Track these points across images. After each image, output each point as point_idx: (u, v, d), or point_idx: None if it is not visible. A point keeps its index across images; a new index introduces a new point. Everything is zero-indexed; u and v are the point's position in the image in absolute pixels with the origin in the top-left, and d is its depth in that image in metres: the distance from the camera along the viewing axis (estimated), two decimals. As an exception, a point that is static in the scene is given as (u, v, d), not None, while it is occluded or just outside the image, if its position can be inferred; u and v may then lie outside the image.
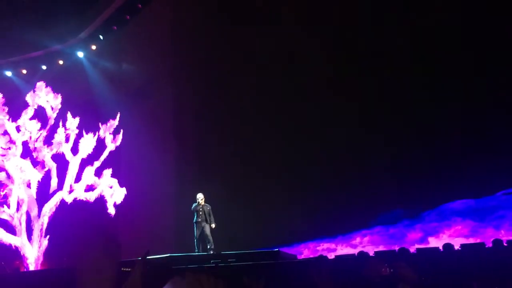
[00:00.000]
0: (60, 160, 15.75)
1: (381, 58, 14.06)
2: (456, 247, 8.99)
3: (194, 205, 12.23)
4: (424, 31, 13.66)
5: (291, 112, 15.30)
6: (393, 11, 14.05)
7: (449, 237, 12.21)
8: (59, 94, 16.28)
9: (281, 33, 15.67)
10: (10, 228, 15.13)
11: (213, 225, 12.09)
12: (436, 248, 9.24)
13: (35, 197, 15.36)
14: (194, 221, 12.17)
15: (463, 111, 12.68)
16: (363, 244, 13.62)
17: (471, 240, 11.74)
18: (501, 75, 12.43)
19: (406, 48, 13.83)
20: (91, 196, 15.43)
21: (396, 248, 9.76)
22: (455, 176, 12.34)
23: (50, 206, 15.29)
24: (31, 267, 14.88)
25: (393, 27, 13.93)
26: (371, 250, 10.73)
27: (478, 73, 12.69)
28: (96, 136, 15.89)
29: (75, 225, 17.38)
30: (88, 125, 16.20)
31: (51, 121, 16.02)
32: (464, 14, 12.99)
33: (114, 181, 15.64)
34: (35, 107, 15.90)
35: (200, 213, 12.06)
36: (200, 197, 12.23)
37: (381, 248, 12.97)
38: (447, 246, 8.98)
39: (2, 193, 15.24)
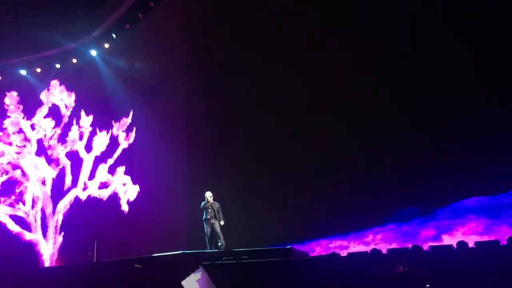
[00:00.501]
0: (74, 158, 15.93)
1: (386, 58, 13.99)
2: (470, 244, 8.90)
3: (203, 203, 12.39)
4: (424, 30, 13.54)
5: (302, 111, 15.27)
6: (393, 11, 13.95)
7: (463, 235, 12.09)
8: (73, 92, 16.47)
9: (292, 33, 15.65)
10: (25, 225, 15.35)
11: (222, 222, 12.21)
12: (450, 246, 9.15)
13: (49, 194, 15.56)
14: (203, 218, 12.31)
15: (478, 108, 12.54)
16: (376, 242, 13.55)
17: (485, 238, 11.60)
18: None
19: (408, 48, 13.73)
20: (105, 193, 15.61)
21: (409, 246, 9.69)
22: (469, 173, 12.20)
23: (64, 203, 15.49)
24: (46, 264, 15.08)
25: (393, 26, 13.84)
26: (384, 248, 10.67)
27: (490, 65, 12.54)
28: (110, 134, 16.04)
29: (89, 222, 17.57)
30: (102, 123, 16.36)
31: (65, 119, 16.22)
32: (464, 14, 12.86)
33: (127, 179, 15.79)
34: (50, 105, 16.11)
35: (209, 210, 12.23)
36: (208, 195, 12.38)
37: (394, 245, 12.89)
38: (461, 244, 8.89)
39: (18, 191, 15.46)
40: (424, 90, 13.44)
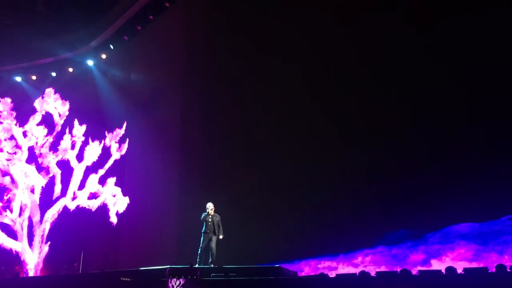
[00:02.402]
0: (65, 167, 15.82)
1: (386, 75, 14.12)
2: (459, 270, 8.89)
3: (203, 214, 11.96)
4: (424, 48, 13.70)
5: (297, 129, 15.31)
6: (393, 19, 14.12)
7: (452, 260, 12.08)
8: (67, 101, 16.43)
9: (292, 46, 15.78)
10: (11, 233, 15.15)
11: (221, 236, 11.85)
12: (439, 271, 9.13)
13: (38, 202, 15.39)
14: (202, 231, 11.90)
15: (471, 134, 12.63)
16: (365, 264, 13.50)
17: (474, 264, 11.60)
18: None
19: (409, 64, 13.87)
20: (94, 204, 15.45)
21: (398, 269, 9.65)
22: (460, 199, 12.23)
23: (52, 212, 15.32)
24: (31, 273, 14.85)
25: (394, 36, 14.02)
26: (372, 270, 10.62)
27: (482, 89, 12.65)
28: (102, 144, 15.97)
29: (76, 232, 17.38)
30: (95, 133, 16.30)
31: (58, 128, 16.14)
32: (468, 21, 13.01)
33: (118, 190, 15.66)
34: (43, 113, 16.04)
35: (209, 223, 11.79)
36: (210, 206, 11.95)
37: (383, 268, 12.84)
38: (450, 269, 8.89)
39: (6, 198, 15.29)
40: (414, 113, 13.55)
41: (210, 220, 11.82)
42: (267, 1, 16.72)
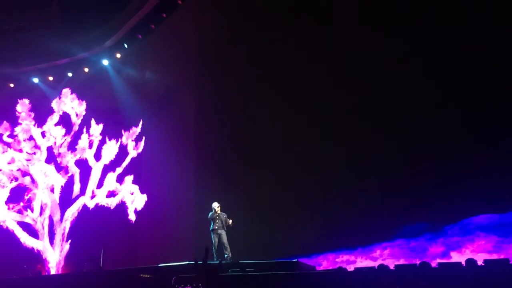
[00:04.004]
0: (83, 166, 16.01)
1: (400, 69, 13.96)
2: (479, 262, 8.78)
3: (210, 213, 12.54)
4: (442, 39, 13.52)
5: (313, 123, 15.25)
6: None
7: (472, 252, 11.95)
8: (84, 101, 16.59)
9: (307, 44, 15.70)
10: (33, 232, 15.41)
11: (230, 221, 12.38)
12: (459, 263, 9.03)
13: (58, 201, 15.62)
14: (210, 229, 12.37)
15: (490, 125, 12.44)
16: (384, 257, 13.43)
17: (495, 256, 11.46)
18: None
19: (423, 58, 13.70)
20: (113, 202, 15.63)
21: (417, 262, 9.58)
22: (480, 190, 12.08)
23: (72, 211, 15.54)
24: (52, 271, 15.10)
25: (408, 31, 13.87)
26: (391, 263, 10.55)
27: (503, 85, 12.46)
28: (119, 143, 16.12)
29: (96, 230, 17.60)
30: (111, 131, 16.45)
31: (76, 127, 16.33)
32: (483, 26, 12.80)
33: (135, 188, 15.80)
34: (60, 113, 16.23)
35: (217, 221, 12.40)
36: (216, 205, 12.56)
37: (401, 261, 12.76)
38: (470, 262, 8.78)
39: (26, 197, 15.55)
40: (435, 105, 13.40)
41: (217, 218, 12.42)
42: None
